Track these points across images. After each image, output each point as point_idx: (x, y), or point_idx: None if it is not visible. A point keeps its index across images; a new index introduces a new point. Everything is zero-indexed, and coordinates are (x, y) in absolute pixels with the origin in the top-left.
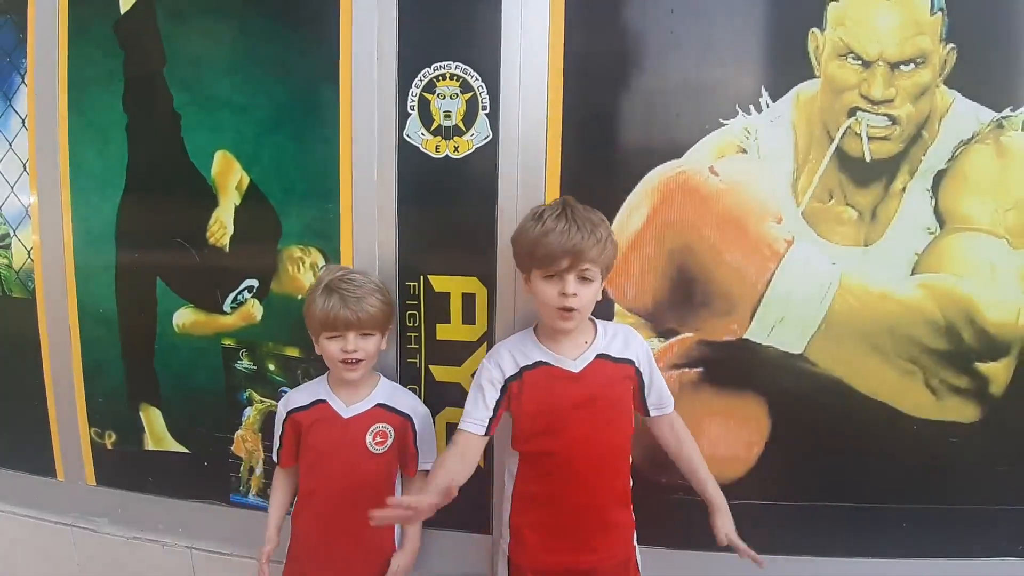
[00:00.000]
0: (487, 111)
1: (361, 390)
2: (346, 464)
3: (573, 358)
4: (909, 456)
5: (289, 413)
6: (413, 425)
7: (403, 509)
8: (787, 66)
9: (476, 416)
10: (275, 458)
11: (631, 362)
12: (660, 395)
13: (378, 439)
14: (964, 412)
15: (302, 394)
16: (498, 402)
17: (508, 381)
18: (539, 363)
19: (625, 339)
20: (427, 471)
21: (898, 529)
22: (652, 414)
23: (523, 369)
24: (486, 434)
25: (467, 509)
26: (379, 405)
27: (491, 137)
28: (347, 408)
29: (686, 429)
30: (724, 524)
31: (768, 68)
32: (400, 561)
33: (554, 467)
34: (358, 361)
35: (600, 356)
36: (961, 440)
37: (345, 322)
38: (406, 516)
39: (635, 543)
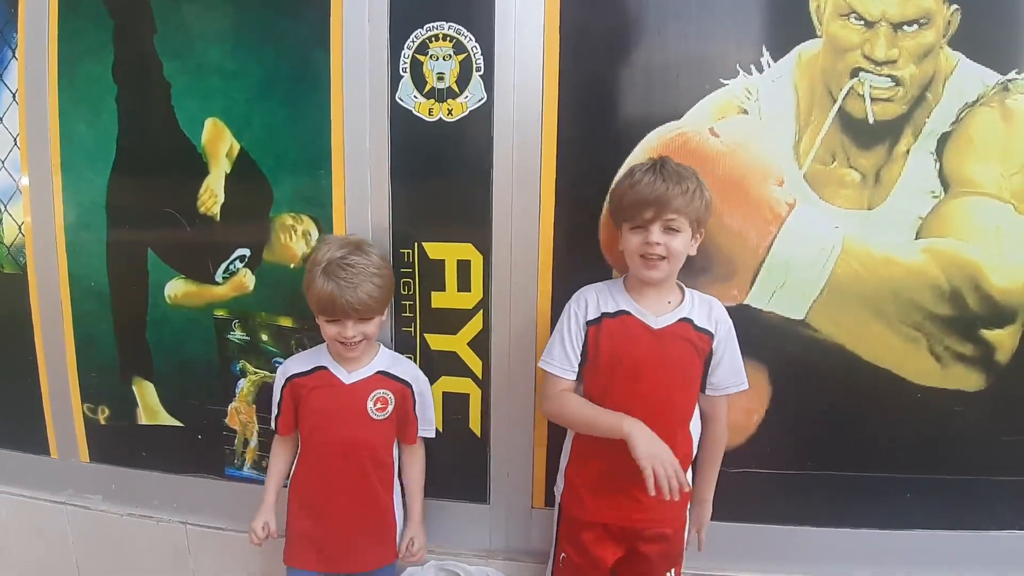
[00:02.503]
0: (481, 72)
1: (362, 357)
2: (347, 429)
3: (656, 315)
4: (912, 425)
5: (288, 379)
6: (413, 393)
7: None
8: (788, 25)
9: (562, 363)
10: (273, 426)
11: (710, 334)
12: (727, 374)
13: (379, 405)
14: (969, 380)
15: (301, 361)
16: (584, 345)
17: (588, 325)
18: (622, 312)
19: (709, 310)
20: (426, 438)
21: (901, 499)
22: (707, 392)
23: (604, 316)
24: (579, 378)
25: (466, 480)
26: (380, 372)
27: (486, 99)
28: (348, 374)
29: (726, 427)
30: (701, 518)
31: (769, 27)
32: (411, 533)
33: None
34: (357, 343)
35: (683, 319)
36: (966, 409)
37: (343, 310)
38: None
39: (688, 511)
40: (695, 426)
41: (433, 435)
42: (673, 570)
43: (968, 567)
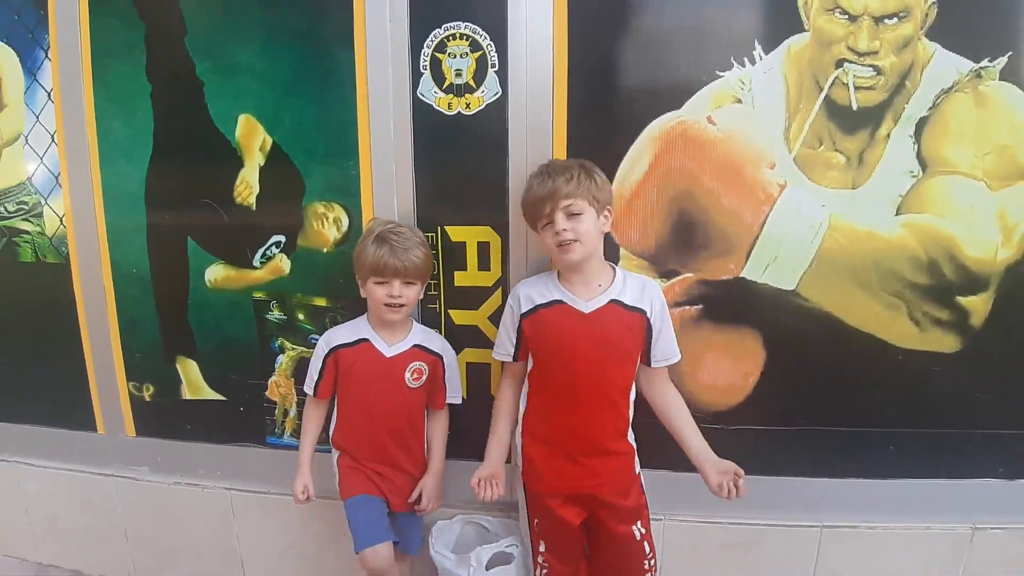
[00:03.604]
0: (496, 69)
1: (398, 332)
2: (387, 396)
3: (586, 300)
4: (894, 384)
5: (333, 349)
6: (443, 363)
7: None
8: (779, 20)
9: (503, 348)
10: (311, 391)
11: (642, 311)
12: (666, 348)
13: (415, 375)
14: (946, 343)
15: (345, 332)
16: (518, 334)
17: (521, 318)
18: (555, 301)
19: (642, 289)
20: (453, 403)
21: (885, 451)
22: (653, 365)
23: (539, 307)
24: (516, 360)
25: (481, 440)
26: (416, 346)
27: (500, 93)
28: (389, 348)
29: (673, 388)
30: (716, 477)
31: (761, 22)
32: (426, 483)
33: (560, 399)
34: (401, 306)
35: (613, 301)
36: (943, 369)
37: (393, 270)
38: None
39: (638, 470)
40: (632, 397)
41: (460, 401)
42: (639, 522)
43: (946, 512)
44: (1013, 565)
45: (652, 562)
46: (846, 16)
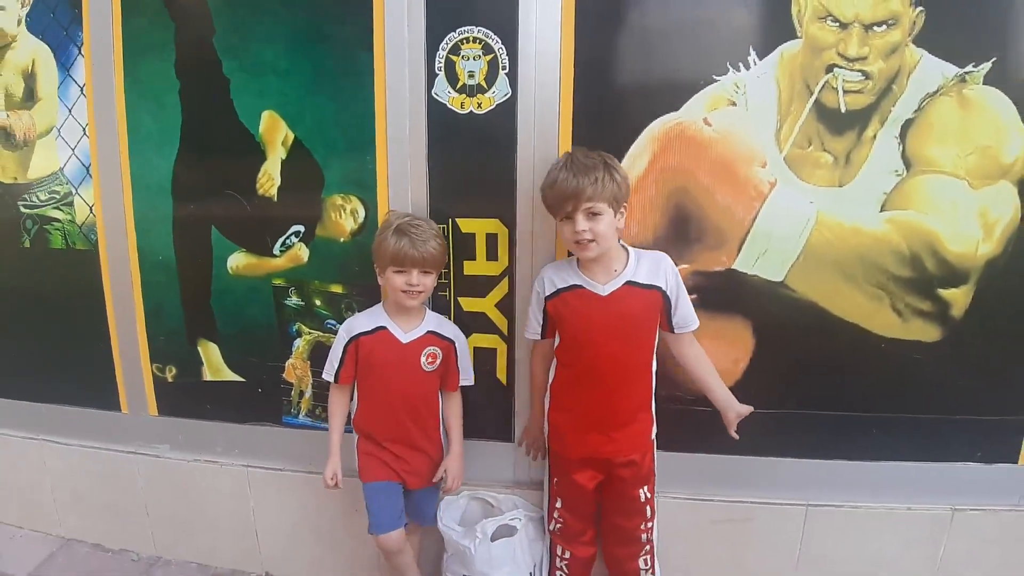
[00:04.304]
0: (507, 71)
1: (414, 319)
2: (404, 380)
3: (603, 283)
4: (878, 371)
5: (353, 337)
6: (456, 348)
7: None
8: (773, 28)
9: (532, 329)
10: (333, 377)
11: (658, 288)
12: (684, 316)
13: (430, 360)
14: (927, 332)
15: (364, 320)
16: (544, 315)
17: (546, 300)
18: (574, 286)
19: (655, 265)
20: (465, 386)
21: (868, 435)
22: (676, 331)
23: (560, 290)
24: (543, 337)
25: (495, 422)
26: (430, 332)
27: (510, 94)
28: (405, 334)
29: (700, 348)
30: (738, 411)
31: (756, 29)
32: (450, 464)
33: (583, 375)
34: (419, 292)
35: (628, 283)
36: (924, 357)
37: (412, 260)
38: None
39: (653, 439)
40: (654, 368)
41: (471, 383)
42: (646, 487)
43: (927, 493)
44: (989, 546)
45: (649, 525)
46: (837, 24)
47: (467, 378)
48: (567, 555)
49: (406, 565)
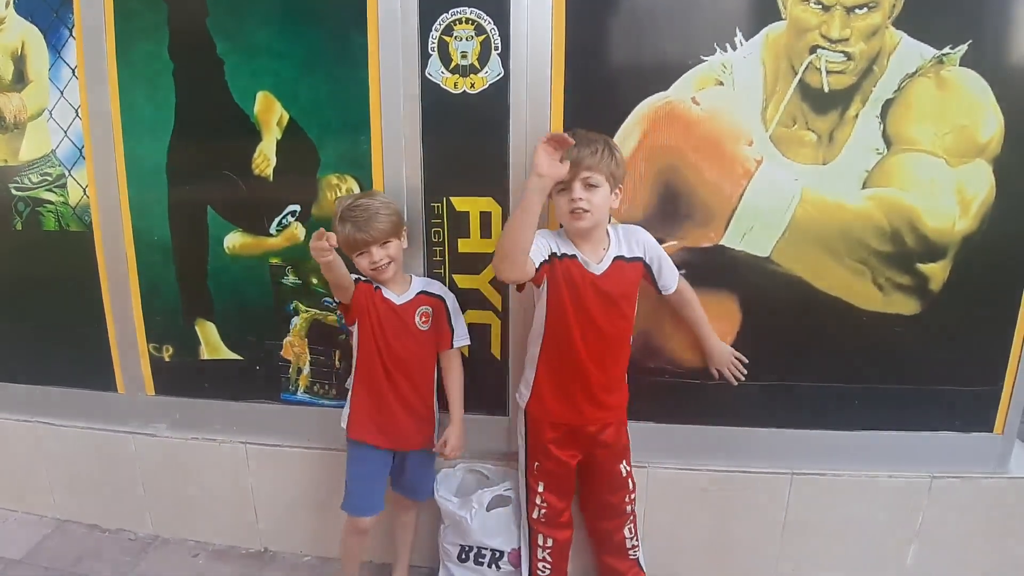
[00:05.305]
0: (499, 51)
1: (402, 284)
2: (399, 340)
3: (596, 261)
4: (859, 343)
5: (358, 278)
6: (446, 305)
7: None
8: (758, 9)
9: (538, 253)
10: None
11: (640, 259)
12: (669, 277)
13: (423, 318)
14: (907, 306)
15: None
16: (547, 257)
17: (551, 256)
18: (569, 255)
19: (633, 237)
20: (461, 347)
21: (850, 405)
22: (663, 293)
23: (563, 255)
24: (535, 277)
25: (488, 396)
26: (421, 292)
27: (503, 74)
28: (398, 297)
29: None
30: (724, 357)
31: (742, 11)
32: (451, 432)
33: (570, 346)
34: (387, 264)
35: (617, 258)
36: (904, 329)
37: (363, 241)
38: None
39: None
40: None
41: (468, 342)
42: (624, 460)
43: (906, 462)
44: (966, 512)
45: (632, 496)
46: (820, 6)
47: (463, 337)
48: (549, 543)
49: (363, 551)
